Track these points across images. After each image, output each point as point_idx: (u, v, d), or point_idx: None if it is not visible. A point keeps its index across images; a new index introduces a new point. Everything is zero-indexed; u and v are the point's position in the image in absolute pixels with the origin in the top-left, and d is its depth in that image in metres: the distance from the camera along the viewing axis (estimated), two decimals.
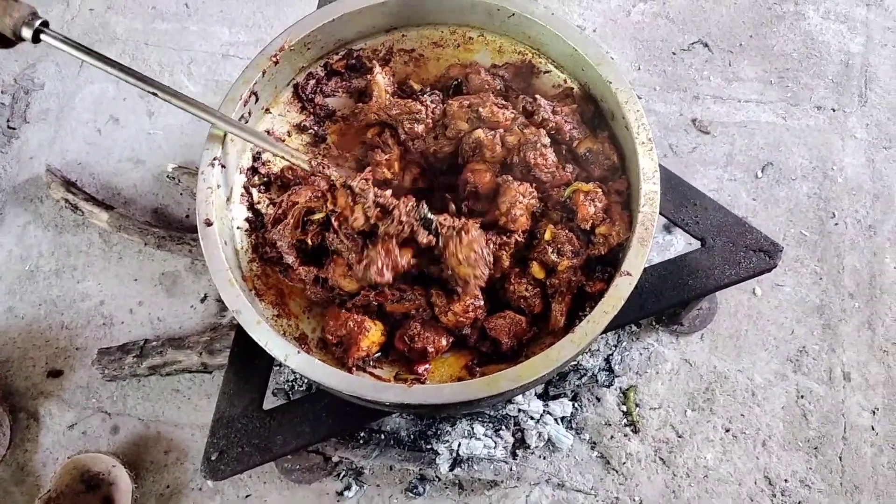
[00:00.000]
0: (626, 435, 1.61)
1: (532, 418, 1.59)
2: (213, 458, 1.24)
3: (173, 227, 1.74)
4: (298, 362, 1.11)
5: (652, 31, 1.97)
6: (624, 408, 1.63)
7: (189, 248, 1.69)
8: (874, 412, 1.61)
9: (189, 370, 1.62)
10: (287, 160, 1.23)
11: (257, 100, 1.30)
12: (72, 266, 1.77)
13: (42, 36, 1.12)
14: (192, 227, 1.78)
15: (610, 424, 1.62)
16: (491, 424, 1.57)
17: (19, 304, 1.74)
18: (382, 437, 1.57)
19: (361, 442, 1.55)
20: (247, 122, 1.30)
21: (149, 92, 1.17)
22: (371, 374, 1.22)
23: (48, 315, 1.73)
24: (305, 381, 1.58)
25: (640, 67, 1.93)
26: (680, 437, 1.61)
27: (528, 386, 1.16)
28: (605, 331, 1.19)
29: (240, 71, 1.91)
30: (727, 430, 1.62)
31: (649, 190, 1.18)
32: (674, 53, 1.95)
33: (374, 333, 1.23)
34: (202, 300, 1.72)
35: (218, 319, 1.70)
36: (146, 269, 1.75)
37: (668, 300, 1.31)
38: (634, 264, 1.14)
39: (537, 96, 1.30)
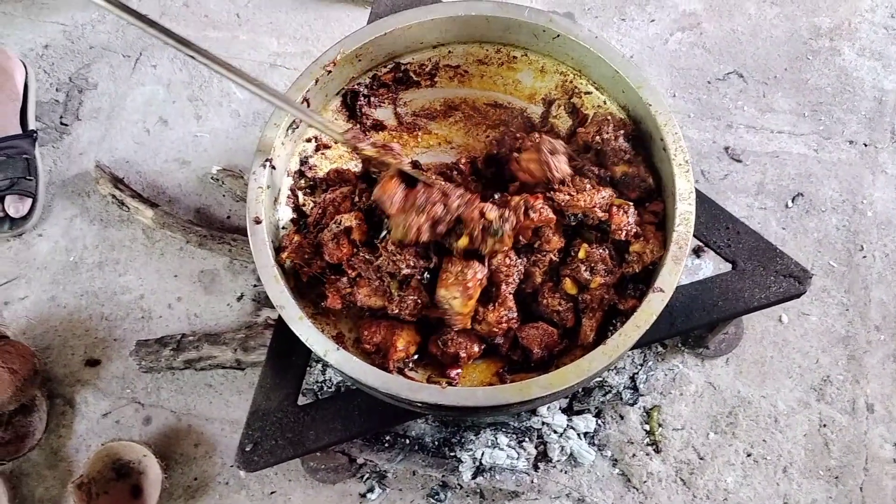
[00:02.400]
0: (647, 454, 1.63)
1: (555, 432, 1.61)
2: (247, 450, 1.28)
3: (215, 227, 1.80)
4: (337, 358, 1.15)
5: (688, 60, 2.01)
6: (647, 427, 1.65)
7: (229, 247, 1.74)
8: None
9: (223, 366, 1.66)
10: (323, 131, 1.26)
11: (308, 106, 1.35)
12: (115, 260, 1.82)
13: None
14: (232, 228, 1.83)
15: (632, 443, 1.64)
16: (514, 435, 1.59)
17: (62, 294, 1.80)
18: (407, 441, 1.60)
19: (387, 445, 1.58)
20: (297, 127, 1.35)
21: (187, 55, 1.21)
22: (406, 376, 1.25)
23: (89, 306, 1.78)
24: (334, 382, 1.62)
25: (676, 94, 1.97)
26: (701, 459, 1.63)
27: (558, 395, 1.19)
28: (636, 346, 1.22)
29: (287, 80, 2.01)
30: (749, 455, 1.63)
31: (684, 210, 1.21)
32: (709, 82, 1.99)
33: (406, 333, 1.26)
34: (238, 299, 1.77)
35: (253, 318, 1.74)
36: (186, 267, 1.80)
37: (698, 320, 1.34)
38: (668, 281, 1.17)
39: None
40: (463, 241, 1.20)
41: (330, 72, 1.35)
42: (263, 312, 1.74)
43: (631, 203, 1.25)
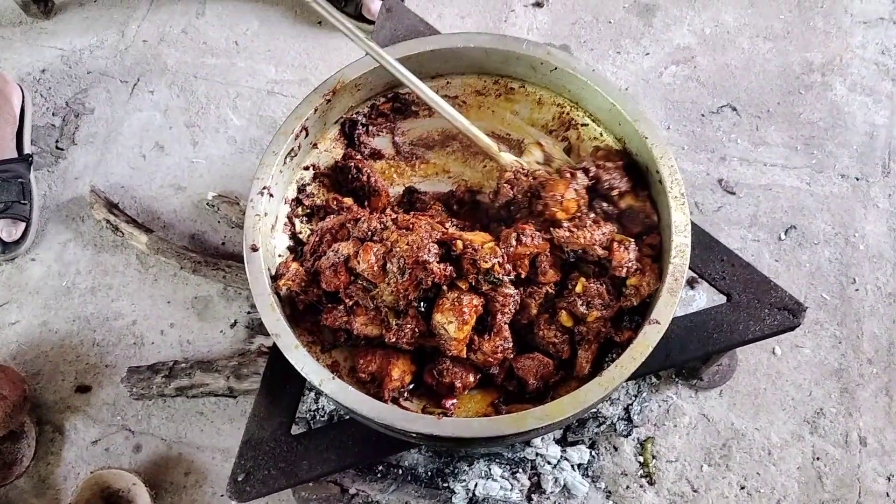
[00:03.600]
0: (641, 486, 1.62)
1: (549, 463, 1.60)
2: (239, 479, 1.26)
3: (209, 254, 1.79)
4: (333, 388, 1.14)
5: (682, 93, 2.04)
6: (641, 458, 1.64)
7: (223, 274, 1.73)
8: (889, 479, 1.62)
9: (215, 393, 1.65)
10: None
11: (307, 135, 1.36)
12: (107, 285, 1.81)
13: None
14: (227, 255, 1.83)
15: (626, 474, 1.63)
16: (508, 466, 1.58)
17: (54, 319, 1.78)
18: (400, 471, 1.58)
19: (379, 475, 1.57)
20: (296, 155, 1.36)
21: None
22: (401, 405, 1.25)
23: (81, 331, 1.77)
24: (327, 411, 1.60)
25: (670, 127, 1.99)
26: (695, 491, 1.62)
27: (554, 426, 1.19)
28: (631, 378, 1.21)
29: (285, 107, 2.02)
30: (742, 488, 1.62)
31: (680, 242, 1.22)
32: (703, 115, 2.01)
33: (402, 362, 1.26)
34: (232, 326, 1.76)
35: (246, 345, 1.73)
36: (180, 293, 1.80)
37: (693, 352, 1.34)
38: (664, 313, 1.17)
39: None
40: (463, 285, 1.21)
41: (329, 101, 1.36)
42: (257, 339, 1.73)
43: (632, 239, 1.25)
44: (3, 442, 1.62)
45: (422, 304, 1.23)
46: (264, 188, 1.27)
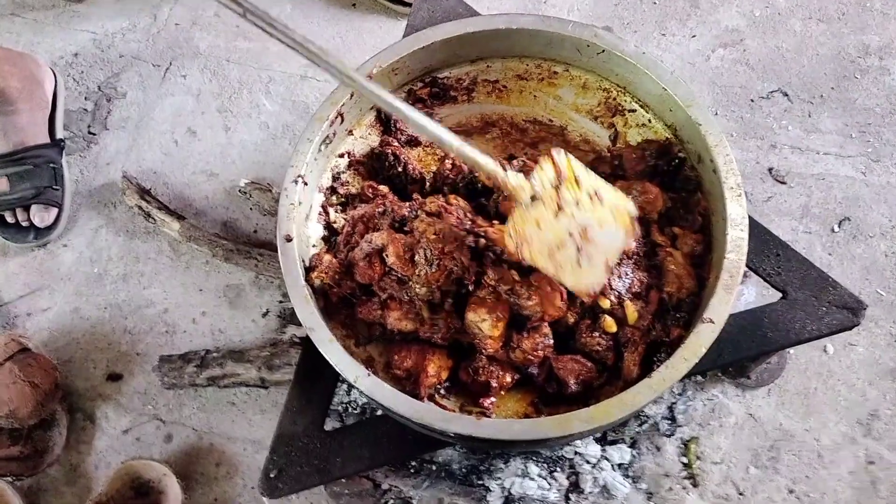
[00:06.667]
0: (684, 488, 1.56)
1: (588, 462, 1.55)
2: (271, 476, 1.23)
3: (241, 241, 1.76)
4: (368, 385, 1.10)
5: (731, 77, 1.95)
6: (684, 459, 1.58)
7: (255, 262, 1.70)
8: None
9: (246, 384, 1.62)
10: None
11: (342, 121, 1.31)
12: (139, 272, 1.79)
13: None
14: (259, 243, 1.79)
15: (668, 476, 1.57)
16: (545, 465, 1.53)
17: (85, 306, 1.76)
18: (434, 467, 1.54)
19: (413, 471, 1.53)
20: (331, 142, 1.31)
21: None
22: (438, 404, 1.20)
23: (112, 318, 1.75)
24: (359, 403, 1.57)
25: (717, 112, 1.91)
26: (741, 494, 1.55)
27: (599, 429, 1.14)
28: (681, 379, 1.16)
29: (318, 92, 1.97)
30: (791, 492, 1.55)
31: (736, 236, 1.15)
32: (752, 101, 1.92)
33: (438, 358, 1.21)
34: (264, 315, 1.73)
35: (278, 335, 1.70)
36: (212, 281, 1.76)
37: (746, 351, 1.27)
38: (718, 311, 1.11)
39: None
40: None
41: None
42: (289, 329, 1.70)
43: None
44: (35, 430, 1.61)
45: (457, 299, 1.19)
46: (299, 176, 1.23)
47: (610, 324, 1.17)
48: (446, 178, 1.32)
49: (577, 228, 1.08)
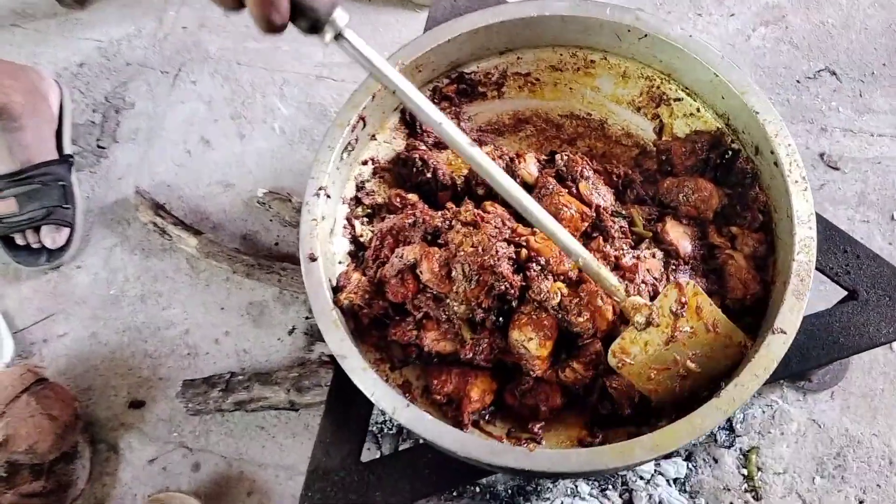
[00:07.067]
0: (746, 502, 1.45)
1: (642, 478, 1.45)
2: None
3: (262, 255, 1.67)
4: (408, 416, 1.00)
5: (774, 58, 1.82)
6: (745, 471, 1.47)
7: (278, 277, 1.61)
8: None
9: (276, 407, 1.53)
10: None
11: (364, 125, 1.21)
12: (157, 292, 1.70)
13: (346, 34, 0.85)
14: (280, 256, 1.70)
15: (728, 489, 1.46)
16: (597, 483, 1.43)
17: (103, 331, 1.68)
18: (478, 490, 1.45)
19: (455, 494, 1.43)
20: (353, 149, 1.21)
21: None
22: (483, 430, 1.10)
23: (132, 342, 1.66)
24: (395, 423, 1.47)
25: None
26: None
27: (665, 457, 1.03)
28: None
29: (336, 93, 1.87)
30: (861, 502, 1.44)
31: (804, 235, 1.05)
32: (798, 82, 1.80)
33: (481, 381, 1.12)
34: (290, 332, 1.64)
35: (306, 354, 1.61)
36: (233, 298, 1.67)
37: (817, 359, 1.16)
38: (789, 320, 1.00)
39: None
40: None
41: None
42: (317, 347, 1.61)
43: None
44: (57, 463, 1.53)
45: (499, 317, 1.09)
46: (320, 188, 1.13)
47: None
48: (480, 181, 1.22)
49: (684, 357, 1.04)
